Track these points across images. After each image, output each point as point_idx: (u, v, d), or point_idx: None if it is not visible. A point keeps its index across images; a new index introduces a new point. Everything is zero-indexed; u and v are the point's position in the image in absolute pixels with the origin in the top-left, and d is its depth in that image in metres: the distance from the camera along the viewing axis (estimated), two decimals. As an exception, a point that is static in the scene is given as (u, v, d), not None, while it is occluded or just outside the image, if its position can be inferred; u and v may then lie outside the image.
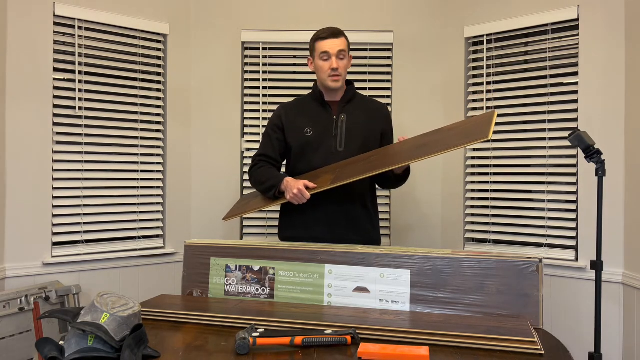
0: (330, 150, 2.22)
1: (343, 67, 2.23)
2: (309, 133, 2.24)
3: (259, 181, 2.24)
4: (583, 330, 2.57)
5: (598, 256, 1.99)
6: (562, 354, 1.33)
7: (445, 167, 3.10)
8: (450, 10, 3.08)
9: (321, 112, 2.28)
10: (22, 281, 2.56)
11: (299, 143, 2.25)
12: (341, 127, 2.24)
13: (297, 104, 2.35)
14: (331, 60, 2.20)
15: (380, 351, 1.26)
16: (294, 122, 2.28)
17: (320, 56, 2.23)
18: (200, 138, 3.16)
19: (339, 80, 2.23)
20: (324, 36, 2.22)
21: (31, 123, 2.61)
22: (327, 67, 2.21)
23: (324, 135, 2.23)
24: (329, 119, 2.26)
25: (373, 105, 2.35)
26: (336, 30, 2.25)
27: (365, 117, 2.28)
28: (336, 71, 2.20)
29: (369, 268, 1.73)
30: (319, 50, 2.23)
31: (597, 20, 2.56)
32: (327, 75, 2.22)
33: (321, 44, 2.22)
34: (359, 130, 2.25)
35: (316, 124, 2.25)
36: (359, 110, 2.29)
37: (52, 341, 1.26)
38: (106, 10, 2.83)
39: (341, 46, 2.22)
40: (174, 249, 3.08)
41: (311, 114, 2.28)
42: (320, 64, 2.23)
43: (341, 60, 2.23)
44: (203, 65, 3.15)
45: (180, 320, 1.58)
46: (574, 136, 1.97)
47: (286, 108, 2.34)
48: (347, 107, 2.28)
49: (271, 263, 1.82)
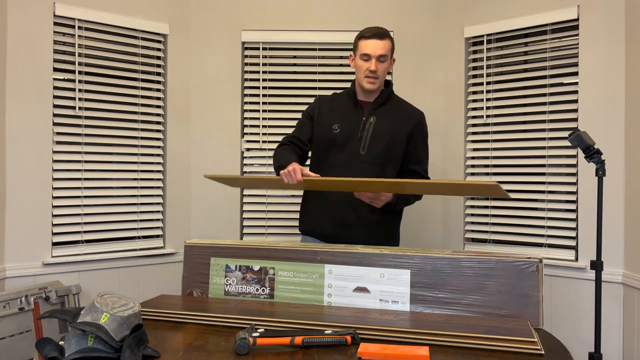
0: (353, 152, 2.18)
1: (382, 70, 2.17)
2: (336, 130, 2.20)
3: (275, 157, 2.21)
4: (583, 330, 2.57)
5: (598, 256, 1.99)
6: (562, 354, 1.33)
7: (445, 167, 3.10)
8: (450, 10, 3.08)
9: (352, 111, 2.23)
10: (22, 281, 2.56)
11: (324, 138, 2.22)
12: (368, 129, 2.19)
13: (332, 98, 2.33)
14: (371, 62, 2.14)
15: (380, 351, 1.26)
16: (323, 116, 2.25)
17: (360, 56, 2.17)
18: (200, 138, 3.16)
19: (375, 83, 2.17)
20: (367, 35, 2.16)
21: (31, 123, 2.61)
22: (365, 67, 2.16)
23: (350, 135, 2.19)
24: (358, 119, 2.21)
25: (405, 111, 2.27)
26: (382, 31, 2.16)
27: (394, 122, 2.21)
28: (374, 73, 2.15)
29: (369, 268, 1.73)
30: (361, 50, 2.17)
31: (597, 20, 2.56)
32: (364, 76, 2.17)
33: (364, 43, 2.16)
34: (385, 135, 2.19)
35: (344, 123, 2.21)
36: (390, 114, 2.23)
37: (52, 341, 1.26)
38: (106, 10, 2.83)
39: (383, 49, 2.15)
40: (174, 249, 3.08)
41: (342, 112, 2.24)
42: (359, 63, 2.18)
43: (381, 63, 2.16)
44: (203, 65, 3.15)
45: (180, 320, 1.58)
46: (574, 136, 1.97)
47: (321, 100, 2.32)
48: (378, 110, 2.23)
49: (271, 263, 1.82)
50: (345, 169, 2.16)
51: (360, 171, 2.15)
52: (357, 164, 2.17)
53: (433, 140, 3.12)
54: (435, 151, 3.13)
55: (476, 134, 3.02)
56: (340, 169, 2.17)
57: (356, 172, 2.14)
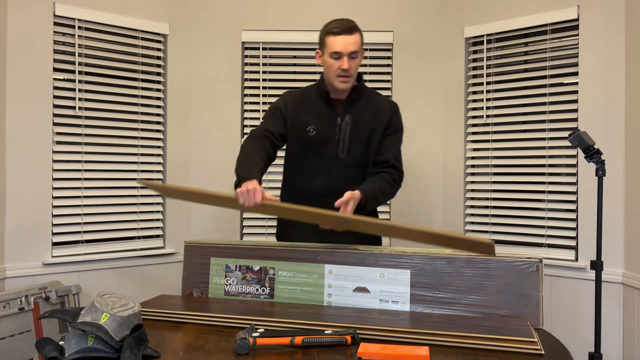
0: (332, 155, 2.04)
1: (355, 67, 2.01)
2: (311, 132, 2.05)
3: (240, 159, 1.94)
4: (583, 330, 2.57)
5: (598, 256, 1.99)
6: (562, 354, 1.33)
7: (445, 167, 3.10)
8: (450, 10, 3.08)
9: (325, 111, 2.07)
10: (22, 281, 2.56)
11: (300, 140, 2.07)
12: (345, 130, 2.04)
13: (303, 96, 2.13)
14: (342, 60, 1.97)
15: (380, 351, 1.26)
16: (298, 116, 2.07)
17: (330, 54, 1.99)
18: (200, 138, 3.16)
19: (348, 82, 2.01)
20: (336, 31, 1.97)
21: (31, 123, 2.61)
22: (336, 66, 1.98)
23: (326, 138, 2.04)
24: (333, 120, 2.05)
25: (380, 104, 2.11)
26: (350, 25, 1.99)
27: (370, 118, 2.07)
28: (347, 72, 1.98)
29: (369, 268, 1.73)
30: (330, 48, 1.98)
31: (597, 20, 2.56)
32: (335, 75, 2.00)
33: (332, 40, 1.98)
34: (363, 134, 2.05)
35: (320, 124, 2.05)
36: (365, 111, 2.08)
37: (52, 341, 1.26)
38: (106, 10, 2.83)
39: (354, 45, 1.97)
40: (174, 249, 3.08)
41: (316, 112, 2.07)
42: (329, 62, 2.00)
43: (353, 60, 1.99)
44: (203, 65, 3.15)
45: (180, 320, 1.58)
46: (574, 136, 1.97)
47: (293, 97, 2.12)
48: (353, 107, 2.07)
49: (271, 263, 1.82)
50: (325, 175, 2.04)
51: (343, 175, 2.03)
52: (338, 169, 2.04)
53: (433, 140, 3.13)
54: (436, 151, 3.13)
55: (476, 134, 3.02)
56: (320, 175, 2.04)
57: (338, 176, 2.03)
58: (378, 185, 1.98)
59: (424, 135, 3.12)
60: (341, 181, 1.99)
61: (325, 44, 2.02)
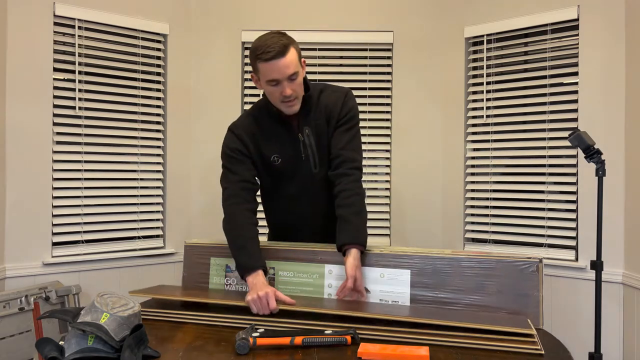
0: (306, 174, 1.89)
1: (298, 86, 1.77)
2: (276, 162, 1.88)
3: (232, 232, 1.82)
4: (583, 330, 2.57)
5: (598, 256, 1.99)
6: (562, 354, 1.33)
7: (445, 167, 3.10)
8: (450, 10, 3.08)
9: (283, 133, 1.87)
10: (22, 281, 2.56)
11: (268, 173, 1.92)
12: (309, 145, 1.87)
13: (255, 125, 1.89)
14: (282, 86, 1.73)
15: (380, 351, 1.26)
16: (257, 150, 1.88)
17: (267, 82, 1.75)
18: (200, 138, 3.16)
19: (295, 104, 1.79)
20: (267, 57, 1.69)
21: (31, 123, 2.61)
22: (277, 93, 1.75)
23: (294, 161, 1.88)
24: (294, 140, 1.87)
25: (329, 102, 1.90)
26: (282, 44, 1.69)
27: (326, 120, 1.89)
28: (289, 97, 1.76)
29: (369, 268, 1.73)
30: (265, 76, 1.73)
31: (597, 20, 2.56)
32: (279, 101, 1.78)
33: (265, 67, 1.71)
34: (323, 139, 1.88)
35: (283, 150, 1.87)
36: (320, 117, 1.89)
37: (52, 341, 1.26)
38: (106, 10, 2.83)
39: (291, 67, 1.71)
40: (174, 249, 3.08)
41: (274, 138, 1.88)
42: (269, 89, 1.77)
43: (293, 82, 1.75)
44: (203, 65, 3.15)
45: (180, 320, 1.58)
46: (574, 136, 1.97)
47: (246, 131, 1.89)
48: (307, 118, 1.87)
49: (271, 263, 1.82)
50: (304, 195, 1.92)
51: (322, 190, 1.90)
52: (315, 184, 1.90)
53: (433, 140, 3.13)
54: (436, 151, 3.13)
55: (476, 134, 3.02)
56: (300, 196, 1.92)
57: (317, 192, 1.91)
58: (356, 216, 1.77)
59: (423, 135, 3.12)
60: (324, 196, 1.90)
61: (257, 69, 1.76)
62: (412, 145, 3.12)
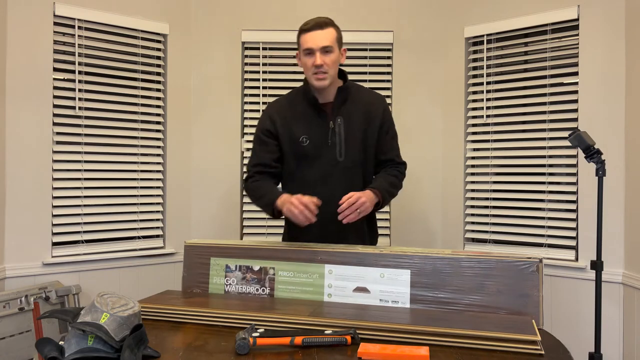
0: (330, 161, 1.99)
1: (330, 62, 1.90)
2: (304, 143, 1.98)
3: (255, 196, 2.00)
4: (583, 330, 2.57)
5: (598, 256, 1.99)
6: (562, 353, 1.33)
7: (445, 167, 3.10)
8: (450, 10, 3.08)
9: (315, 117, 2.00)
10: (22, 281, 2.56)
11: (295, 152, 2.01)
12: (339, 133, 1.98)
13: (288, 106, 2.04)
14: (315, 56, 1.89)
15: (380, 351, 1.26)
16: (290, 128, 2.00)
17: (304, 52, 1.93)
18: (200, 138, 3.16)
19: (325, 78, 1.91)
20: (307, 28, 1.91)
21: (31, 123, 2.61)
22: (310, 63, 1.90)
23: (320, 146, 1.98)
24: (324, 125, 1.99)
25: (369, 100, 2.05)
26: (322, 21, 1.92)
27: (362, 116, 2.01)
28: (320, 68, 1.89)
29: (369, 268, 1.73)
30: (302, 46, 1.93)
31: (597, 20, 2.56)
32: (311, 73, 1.92)
33: (304, 38, 1.91)
34: (357, 134, 2.00)
35: (311, 132, 1.99)
36: (355, 109, 2.02)
37: (52, 341, 1.26)
38: (106, 10, 2.83)
39: (326, 40, 1.89)
40: (174, 249, 3.08)
41: (305, 120, 2.00)
42: (304, 60, 1.94)
43: (327, 55, 1.90)
44: (203, 65, 3.15)
45: (180, 320, 1.58)
46: (574, 136, 1.97)
47: (279, 110, 2.04)
48: (342, 109, 2.00)
49: (271, 263, 1.82)
50: (324, 182, 2.00)
51: (343, 179, 2.00)
52: (337, 172, 2.00)
53: (433, 140, 3.13)
54: (436, 151, 3.13)
55: (476, 134, 3.02)
56: (319, 182, 2.00)
57: (338, 181, 1.99)
58: (388, 180, 2.02)
59: (424, 135, 3.12)
60: (342, 185, 1.96)
61: (299, 44, 1.96)
62: (412, 145, 3.12)
